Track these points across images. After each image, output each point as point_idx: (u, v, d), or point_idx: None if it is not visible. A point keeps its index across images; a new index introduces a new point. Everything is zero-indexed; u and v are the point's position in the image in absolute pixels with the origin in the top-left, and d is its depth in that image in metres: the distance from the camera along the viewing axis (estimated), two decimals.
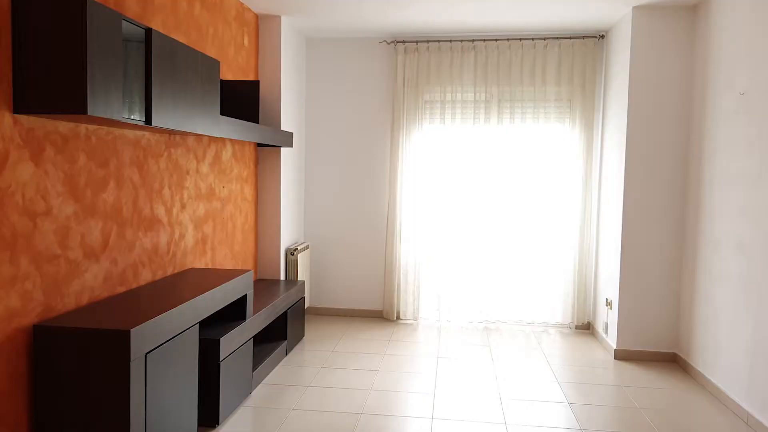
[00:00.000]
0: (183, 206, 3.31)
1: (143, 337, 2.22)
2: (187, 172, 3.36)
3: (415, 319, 5.14)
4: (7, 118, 2.03)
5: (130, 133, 2.76)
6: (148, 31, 2.35)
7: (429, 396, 3.46)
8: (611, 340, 4.35)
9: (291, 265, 4.70)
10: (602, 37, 4.75)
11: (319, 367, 3.92)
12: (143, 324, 2.21)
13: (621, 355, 4.22)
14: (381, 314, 5.25)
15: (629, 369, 4.02)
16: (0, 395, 2.05)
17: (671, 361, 4.17)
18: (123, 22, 2.18)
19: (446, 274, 5.10)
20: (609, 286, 4.47)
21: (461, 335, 4.76)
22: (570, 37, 4.76)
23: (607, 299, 4.49)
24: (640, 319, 4.19)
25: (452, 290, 5.10)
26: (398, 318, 5.17)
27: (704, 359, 3.74)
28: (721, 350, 3.51)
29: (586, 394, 3.53)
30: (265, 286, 4.27)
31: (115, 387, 2.14)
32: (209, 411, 2.94)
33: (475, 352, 4.31)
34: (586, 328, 4.96)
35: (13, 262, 2.07)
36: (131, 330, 2.13)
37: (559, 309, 4.99)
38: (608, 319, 4.46)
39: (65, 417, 2.17)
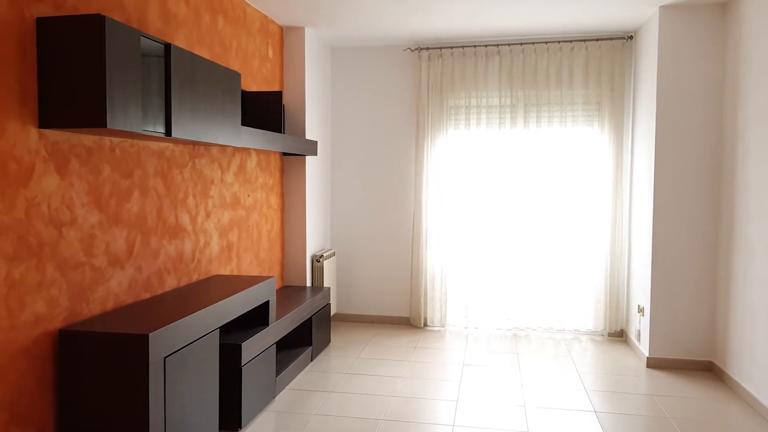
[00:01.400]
0: (208, 215, 3.40)
1: (162, 341, 2.29)
2: (212, 182, 3.45)
3: (443, 326, 5.12)
4: (33, 132, 2.14)
5: (154, 145, 2.86)
6: (167, 46, 2.43)
7: (452, 403, 3.43)
8: (643, 348, 4.23)
9: (317, 272, 4.75)
10: (631, 38, 4.65)
11: (343, 373, 3.95)
12: (162, 328, 2.28)
13: (654, 364, 4.09)
14: (408, 321, 5.25)
15: (661, 377, 3.89)
16: (27, 396, 2.15)
17: (707, 369, 4.02)
18: (142, 38, 2.27)
19: (474, 281, 5.06)
20: (641, 292, 4.35)
21: (489, 342, 4.71)
22: (597, 39, 4.67)
23: (639, 306, 4.36)
24: (673, 326, 4.06)
25: (480, 297, 5.06)
26: (425, 325, 5.16)
27: (739, 367, 3.59)
28: (757, 357, 3.37)
29: (615, 403, 3.44)
30: (291, 292, 4.34)
31: (134, 390, 2.21)
32: (231, 415, 3.00)
33: (502, 360, 4.26)
34: (619, 335, 4.83)
35: (39, 269, 2.17)
36: (149, 334, 2.20)
37: (590, 316, 4.88)
38: (640, 326, 4.33)
39: (88, 418, 2.25)
